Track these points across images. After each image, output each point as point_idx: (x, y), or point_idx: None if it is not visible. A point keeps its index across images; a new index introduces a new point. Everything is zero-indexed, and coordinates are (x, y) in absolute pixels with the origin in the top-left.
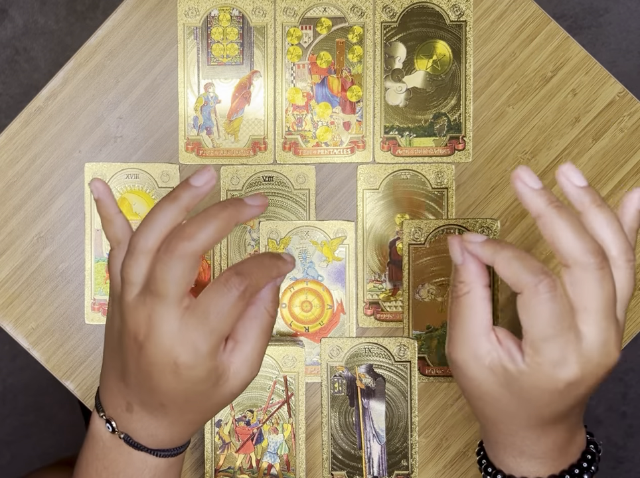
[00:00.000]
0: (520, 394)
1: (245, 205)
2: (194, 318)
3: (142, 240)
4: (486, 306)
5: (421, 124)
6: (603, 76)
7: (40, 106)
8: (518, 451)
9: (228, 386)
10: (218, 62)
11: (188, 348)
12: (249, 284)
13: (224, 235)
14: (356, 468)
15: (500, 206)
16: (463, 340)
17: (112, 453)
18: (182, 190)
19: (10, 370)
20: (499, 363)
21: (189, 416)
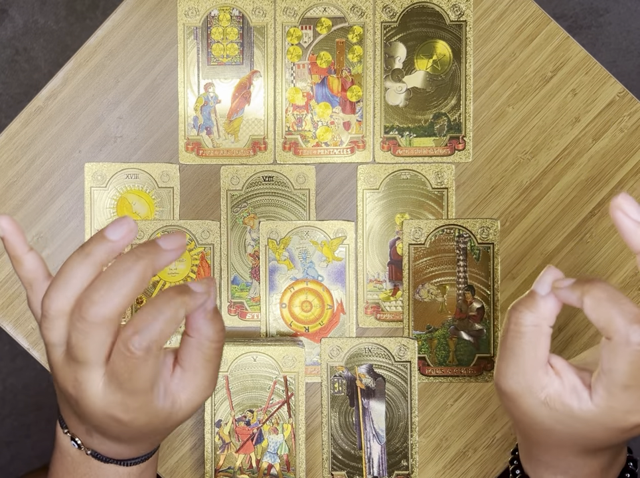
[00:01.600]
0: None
1: (160, 252)
2: (112, 383)
3: (54, 304)
4: (548, 342)
5: (421, 124)
6: (603, 76)
7: (40, 106)
8: (562, 471)
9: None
10: (218, 62)
11: (119, 407)
12: (152, 339)
13: (142, 290)
14: (356, 468)
15: (500, 206)
16: (517, 372)
17: (82, 467)
18: (95, 244)
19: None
20: (558, 399)
21: (150, 440)
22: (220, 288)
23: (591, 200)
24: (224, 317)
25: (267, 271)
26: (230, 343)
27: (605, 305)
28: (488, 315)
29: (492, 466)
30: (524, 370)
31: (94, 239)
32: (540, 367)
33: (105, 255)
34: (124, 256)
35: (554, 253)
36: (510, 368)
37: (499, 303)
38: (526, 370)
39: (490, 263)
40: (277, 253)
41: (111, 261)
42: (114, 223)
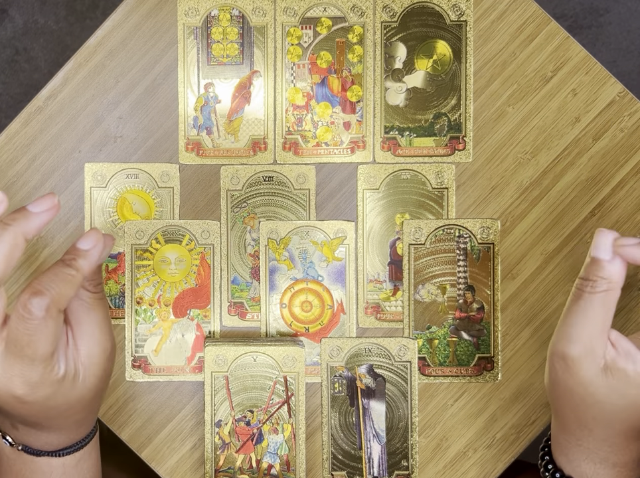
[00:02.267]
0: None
1: (30, 216)
2: (9, 353)
3: None
4: (614, 307)
5: (422, 124)
6: (604, 76)
7: (40, 106)
8: (601, 458)
9: (90, 375)
10: (218, 61)
11: (18, 381)
12: (51, 300)
13: (16, 257)
14: (356, 468)
15: (500, 206)
16: (584, 337)
17: (17, 465)
18: None
19: None
20: (614, 365)
21: (71, 419)
22: (220, 288)
23: (591, 200)
24: (224, 317)
25: (267, 271)
26: (230, 343)
27: None
28: (488, 315)
29: (492, 466)
30: (591, 333)
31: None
32: (606, 331)
33: None
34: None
35: (554, 253)
36: (577, 332)
37: (499, 303)
38: (593, 333)
39: (490, 263)
40: (277, 253)
41: None
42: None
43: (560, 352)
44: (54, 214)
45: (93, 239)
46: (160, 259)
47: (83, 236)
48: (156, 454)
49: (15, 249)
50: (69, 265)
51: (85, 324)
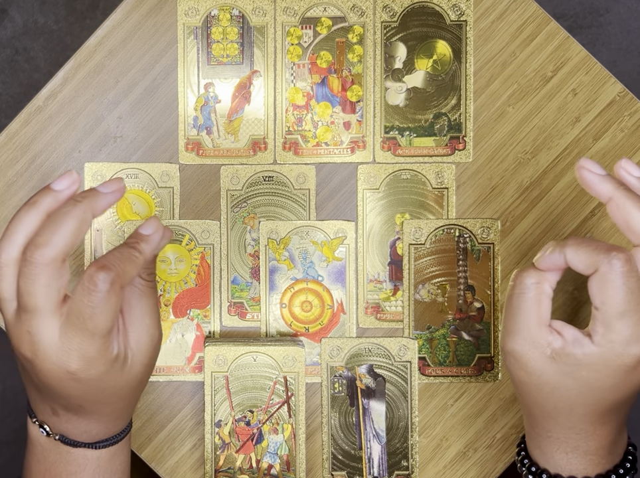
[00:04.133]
0: (585, 380)
1: (99, 195)
2: (71, 325)
3: (3, 253)
4: (549, 302)
5: (422, 124)
6: (604, 76)
7: (40, 106)
8: (572, 447)
9: (136, 362)
10: (218, 61)
11: (75, 355)
12: (116, 275)
13: (83, 232)
14: (356, 468)
15: (500, 206)
16: (522, 329)
17: (52, 455)
18: (41, 195)
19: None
20: (563, 352)
21: (113, 406)
22: (220, 288)
23: (591, 200)
24: (224, 317)
25: (267, 271)
26: (230, 343)
27: (583, 247)
28: (488, 315)
29: (492, 466)
30: (528, 326)
31: (40, 191)
32: (543, 324)
33: (50, 204)
34: (65, 203)
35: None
36: (516, 326)
37: (499, 303)
38: (530, 326)
39: (490, 263)
40: (277, 253)
41: None
42: (60, 177)
43: (506, 348)
44: (120, 196)
45: (154, 225)
46: (160, 259)
47: (145, 223)
48: (156, 454)
49: (83, 224)
50: (133, 247)
51: (136, 311)
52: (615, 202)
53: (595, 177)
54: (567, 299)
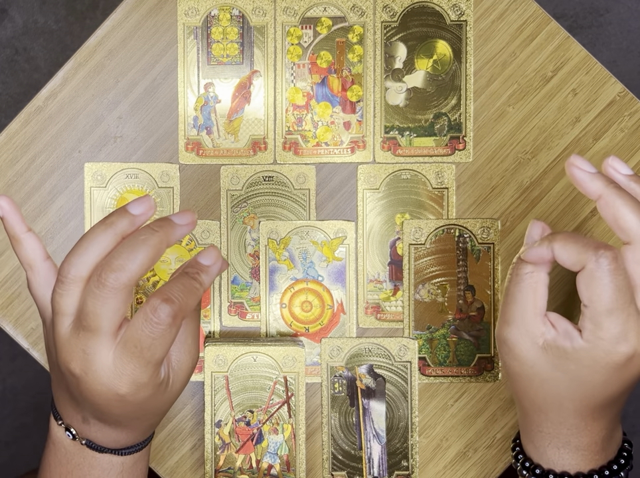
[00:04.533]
0: (575, 374)
1: (175, 226)
2: (127, 352)
3: (73, 269)
4: (545, 290)
5: (422, 124)
6: (604, 76)
7: (40, 106)
8: (563, 442)
9: (176, 382)
10: (218, 61)
11: (127, 380)
12: (179, 309)
13: (156, 261)
14: (356, 468)
15: (500, 206)
16: (518, 319)
17: (75, 458)
18: (118, 217)
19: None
20: (554, 343)
21: (149, 421)
22: (220, 288)
23: (591, 200)
24: (224, 317)
25: (267, 271)
26: (230, 343)
27: (571, 243)
28: (488, 315)
29: (492, 466)
30: (524, 315)
31: (117, 213)
32: (539, 314)
33: (126, 227)
34: (141, 229)
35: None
36: (512, 314)
37: (499, 303)
38: (525, 315)
39: (490, 263)
40: (277, 253)
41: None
42: (137, 200)
43: (501, 336)
44: (191, 229)
45: (214, 256)
46: (160, 259)
47: (205, 253)
48: (156, 454)
49: (158, 254)
50: (194, 278)
51: (181, 332)
52: (605, 200)
53: (585, 175)
54: (565, 298)
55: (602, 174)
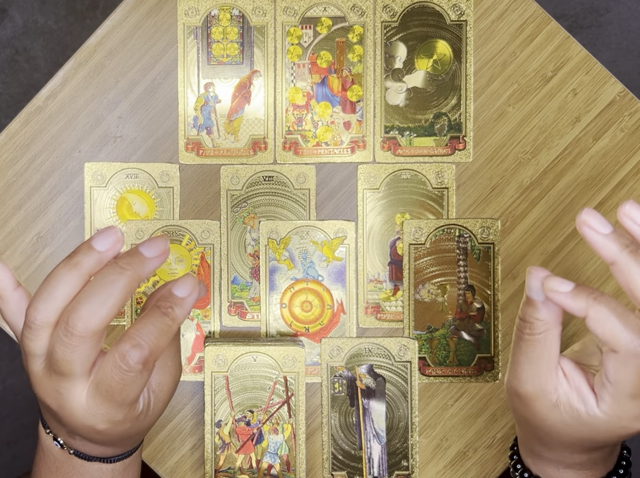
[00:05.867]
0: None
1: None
2: (99, 394)
3: (40, 315)
4: (559, 343)
5: (422, 124)
6: (604, 76)
7: (40, 106)
8: (565, 465)
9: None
10: (218, 61)
11: (102, 418)
12: (150, 355)
13: (127, 301)
14: (356, 468)
15: (500, 206)
16: (532, 375)
17: (65, 466)
18: (83, 255)
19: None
20: (567, 402)
21: (135, 439)
22: (220, 288)
23: (591, 200)
24: (224, 317)
25: (267, 271)
26: (230, 343)
27: (612, 319)
28: (488, 315)
29: (492, 466)
30: (539, 373)
31: (81, 250)
32: (553, 368)
33: (92, 266)
34: (108, 268)
35: (554, 253)
36: (525, 373)
37: (499, 303)
38: (541, 373)
39: (490, 263)
40: (277, 253)
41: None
42: (101, 233)
43: (513, 390)
44: (164, 260)
45: (190, 285)
46: None
47: (180, 282)
48: (156, 454)
49: (129, 294)
50: (166, 314)
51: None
52: (619, 267)
53: (599, 238)
54: None
55: (618, 236)
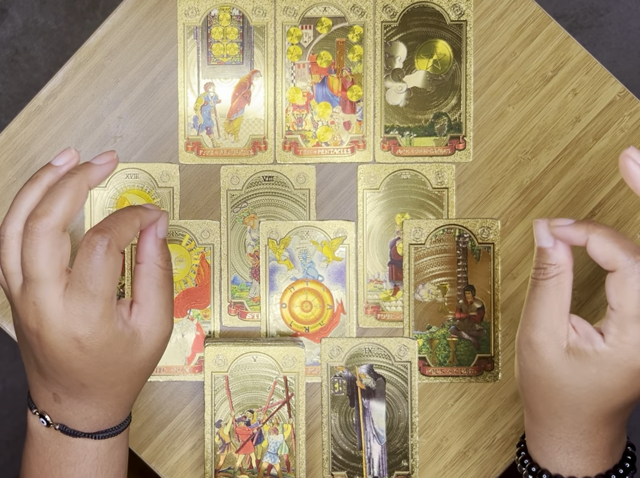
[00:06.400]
0: (595, 379)
1: (93, 166)
2: (74, 290)
3: (9, 227)
4: (570, 289)
5: (422, 124)
6: (604, 76)
7: (40, 106)
8: (574, 447)
9: (143, 348)
10: (218, 61)
11: (80, 321)
12: (112, 237)
13: (80, 202)
14: (356, 468)
15: (500, 206)
16: (545, 319)
17: (51, 446)
18: (43, 171)
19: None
20: (575, 346)
21: (115, 389)
22: (220, 288)
23: (591, 200)
24: (224, 317)
25: (267, 271)
26: (230, 343)
27: (610, 241)
28: (488, 315)
29: (492, 466)
30: (551, 316)
31: (42, 168)
32: (564, 314)
33: (50, 179)
34: (63, 176)
35: None
36: (538, 316)
37: (499, 303)
38: (553, 316)
39: (490, 263)
40: (277, 253)
41: None
42: (60, 154)
43: (526, 338)
44: (113, 167)
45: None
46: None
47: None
48: (156, 454)
49: (80, 194)
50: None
51: (152, 302)
52: None
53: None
54: None
55: None
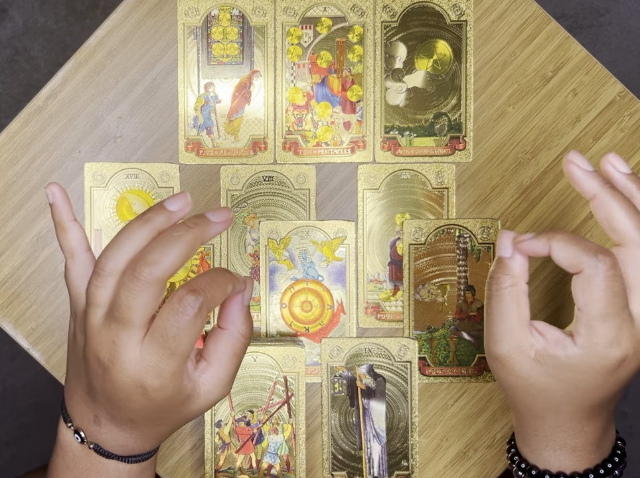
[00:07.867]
0: (571, 381)
1: (209, 223)
2: (154, 342)
3: (110, 262)
4: (527, 300)
5: (422, 124)
6: (604, 76)
7: (40, 106)
8: (560, 444)
9: (198, 404)
10: (218, 61)
11: (153, 371)
12: (205, 301)
13: (190, 257)
14: (356, 468)
15: (500, 206)
16: (505, 334)
17: (83, 463)
18: (155, 213)
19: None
20: (546, 353)
21: (159, 428)
22: None
23: None
24: None
25: (267, 271)
26: None
27: (571, 244)
28: None
29: (492, 466)
30: (511, 330)
31: (154, 209)
32: (525, 325)
33: (162, 223)
34: (177, 225)
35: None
36: (499, 331)
37: None
38: (513, 329)
39: (490, 263)
40: (277, 253)
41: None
42: (174, 196)
43: (492, 354)
44: (227, 226)
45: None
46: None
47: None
48: None
49: (192, 251)
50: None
51: (223, 367)
52: (599, 200)
53: (582, 173)
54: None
55: (599, 174)
